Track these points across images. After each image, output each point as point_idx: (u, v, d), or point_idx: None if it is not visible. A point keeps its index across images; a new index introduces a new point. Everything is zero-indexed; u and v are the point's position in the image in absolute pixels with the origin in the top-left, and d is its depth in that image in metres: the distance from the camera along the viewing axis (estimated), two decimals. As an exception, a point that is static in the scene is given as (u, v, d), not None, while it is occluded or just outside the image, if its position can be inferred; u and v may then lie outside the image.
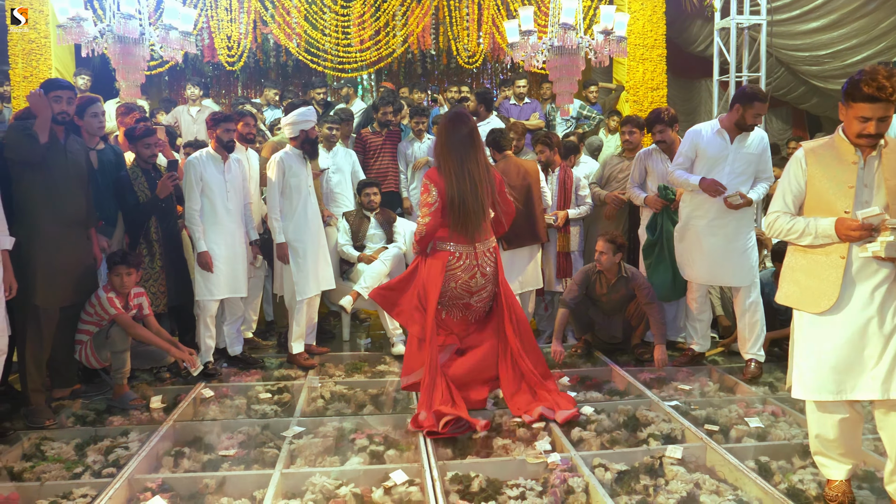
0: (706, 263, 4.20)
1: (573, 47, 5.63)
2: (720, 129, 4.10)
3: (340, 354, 4.82)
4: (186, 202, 4.22)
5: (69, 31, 4.86)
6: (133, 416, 3.60)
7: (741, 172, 4.06)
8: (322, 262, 4.56)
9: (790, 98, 8.89)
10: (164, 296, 4.33)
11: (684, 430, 3.29)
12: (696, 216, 4.22)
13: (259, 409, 3.66)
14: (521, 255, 4.80)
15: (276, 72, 8.83)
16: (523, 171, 4.75)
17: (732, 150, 4.07)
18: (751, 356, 4.20)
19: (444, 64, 8.81)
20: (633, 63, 7.62)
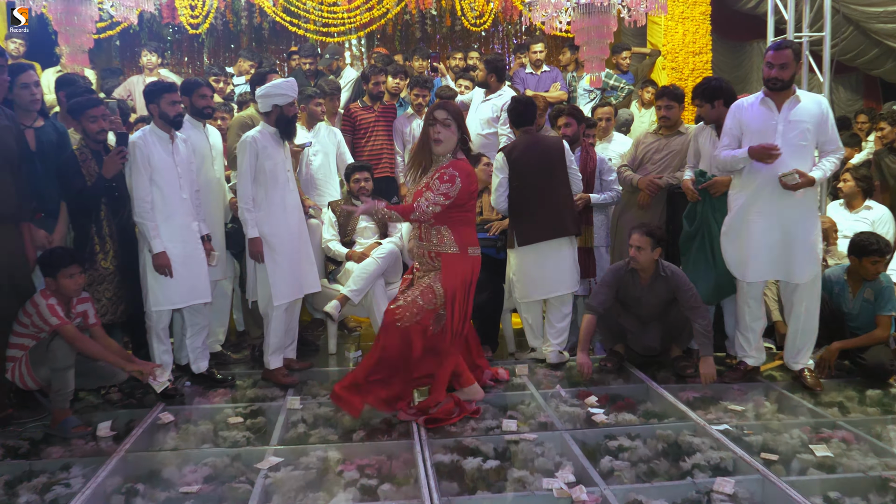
0: (764, 256, 4.17)
1: (603, 5, 5.60)
2: (764, 98, 4.12)
3: (326, 370, 4.80)
4: (135, 192, 4.17)
5: (2, -14, 4.85)
6: (76, 447, 3.56)
7: (796, 145, 4.03)
8: (303, 260, 4.55)
9: (860, 63, 8.82)
10: (120, 302, 4.30)
11: (736, 460, 3.25)
12: (749, 203, 4.19)
13: (228, 437, 3.64)
14: (541, 252, 4.70)
15: (249, 36, 8.81)
16: (542, 149, 4.69)
17: (781, 120, 4.06)
18: (802, 366, 4.22)
19: (447, 26, 8.78)
20: (672, 23, 7.59)
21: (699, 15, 7.61)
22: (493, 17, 8.00)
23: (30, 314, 3.78)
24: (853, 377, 4.40)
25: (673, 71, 7.60)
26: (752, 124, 4.15)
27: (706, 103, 4.61)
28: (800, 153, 4.04)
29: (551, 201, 4.65)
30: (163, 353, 4.29)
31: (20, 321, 3.81)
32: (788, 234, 4.10)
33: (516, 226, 4.70)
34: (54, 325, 3.74)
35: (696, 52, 7.63)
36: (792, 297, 4.22)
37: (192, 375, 4.48)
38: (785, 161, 4.02)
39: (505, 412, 3.93)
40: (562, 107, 5.37)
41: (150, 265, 4.16)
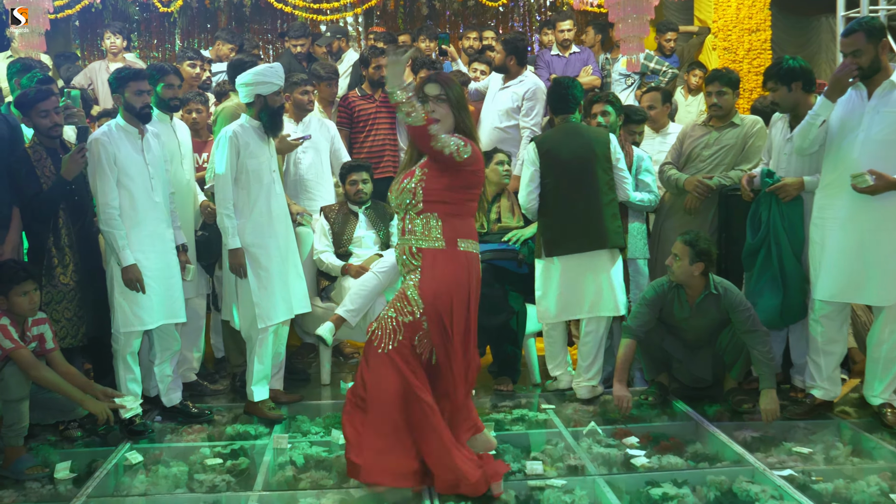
0: (834, 273, 4.17)
1: (643, -26, 5.65)
2: (857, 83, 4.14)
3: (318, 403, 4.84)
4: (100, 197, 4.22)
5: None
6: (31, 491, 3.59)
7: (881, 140, 4.04)
8: (292, 276, 4.58)
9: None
10: (81, 323, 4.35)
11: (802, 511, 3.25)
12: (824, 205, 4.24)
13: (205, 481, 3.65)
14: (575, 264, 4.67)
15: (228, 15, 8.89)
16: (583, 141, 4.66)
17: (869, 109, 4.07)
18: (883, 401, 4.20)
19: (458, 1, 8.83)
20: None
21: (756, -14, 7.65)
22: (514, -9, 8.06)
23: None
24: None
25: (725, 52, 7.62)
26: (838, 112, 4.17)
27: (782, 86, 4.53)
28: (886, 151, 4.03)
29: (589, 205, 4.62)
30: (130, 382, 4.32)
31: None
32: (864, 246, 4.09)
33: (544, 232, 4.71)
34: (7, 350, 3.78)
35: (752, 28, 7.65)
36: (874, 320, 4.22)
37: (163, 409, 4.52)
38: (866, 158, 4.02)
39: (528, 454, 3.93)
40: (598, 93, 5.35)
41: (119, 280, 4.21)
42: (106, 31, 7.20)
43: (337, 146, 5.74)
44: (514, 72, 6.10)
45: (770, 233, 4.52)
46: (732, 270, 4.79)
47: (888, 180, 3.95)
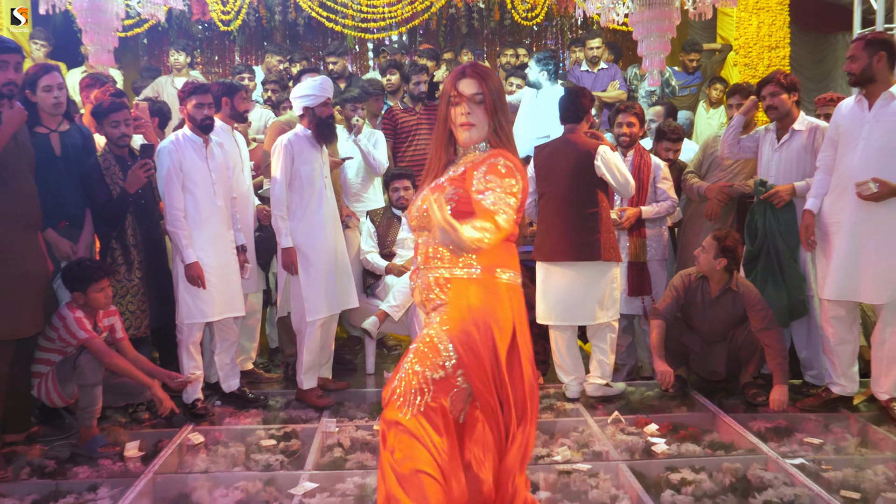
0: (839, 272, 4.16)
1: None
2: (858, 96, 4.14)
3: (363, 391, 4.87)
4: (167, 200, 4.30)
5: (25, -18, 5.05)
6: (103, 467, 3.66)
7: (882, 148, 4.02)
8: (340, 274, 4.60)
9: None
10: (145, 316, 4.42)
11: (813, 498, 3.24)
12: (829, 211, 4.23)
13: (261, 460, 3.71)
14: (564, 271, 4.53)
15: (283, 33, 8.98)
16: (571, 153, 4.50)
17: (870, 119, 4.07)
18: (889, 396, 4.17)
19: (495, 20, 8.84)
20: (745, 14, 7.56)
21: (776, 5, 7.56)
22: (546, 10, 8.05)
23: (56, 328, 3.93)
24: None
25: (746, 67, 7.56)
26: (843, 125, 4.17)
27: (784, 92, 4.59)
28: (886, 158, 4.00)
29: (567, 216, 4.48)
30: (193, 370, 4.38)
31: (46, 335, 3.94)
32: (865, 249, 4.07)
33: (536, 237, 4.68)
34: (82, 339, 3.88)
35: (772, 46, 7.58)
36: (878, 318, 4.20)
37: (223, 394, 4.59)
38: (867, 166, 4.01)
39: (555, 439, 3.96)
40: (627, 103, 5.29)
41: (183, 276, 4.28)
42: (171, 48, 7.33)
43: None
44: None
45: (767, 238, 4.54)
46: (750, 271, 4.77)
47: (891, 187, 3.94)
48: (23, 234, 3.75)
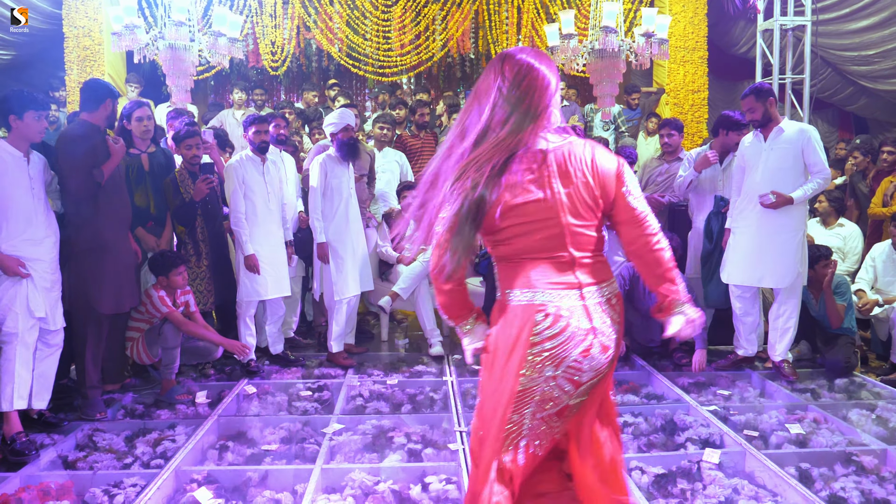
0: (739, 264, 4.18)
1: (614, 50, 5.63)
2: (756, 132, 4.16)
3: (378, 354, 4.88)
4: (231, 205, 4.33)
5: (123, 38, 5.04)
6: (180, 411, 3.70)
7: (777, 169, 4.02)
8: (361, 263, 4.61)
9: (836, 100, 8.68)
10: (210, 294, 4.43)
11: (723, 436, 3.26)
12: (735, 219, 4.24)
13: (300, 406, 3.74)
14: None
15: (318, 76, 8.97)
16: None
17: (766, 147, 4.08)
18: (781, 358, 4.18)
19: (483, 67, 8.83)
20: (674, 66, 7.56)
21: (697, 59, 7.57)
22: (522, 61, 8.04)
23: (145, 303, 3.95)
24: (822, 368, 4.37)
25: (675, 106, 7.57)
26: (747, 154, 4.19)
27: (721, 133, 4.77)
28: (782, 176, 4.01)
29: None
30: (248, 336, 4.41)
31: (137, 309, 3.97)
32: (763, 245, 4.08)
33: None
34: (164, 313, 3.91)
35: (694, 90, 7.59)
36: (775, 299, 4.22)
37: (270, 356, 4.60)
38: (767, 183, 4.02)
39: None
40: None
41: (243, 264, 4.30)
42: (234, 87, 7.31)
43: (406, 170, 5.79)
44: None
45: (719, 240, 4.50)
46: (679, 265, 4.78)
47: (785, 197, 3.96)
48: (121, 231, 3.76)
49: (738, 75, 9.32)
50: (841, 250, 5.16)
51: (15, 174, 3.22)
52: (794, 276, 4.06)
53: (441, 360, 4.62)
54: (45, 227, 3.34)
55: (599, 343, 1.80)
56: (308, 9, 7.54)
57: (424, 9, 7.66)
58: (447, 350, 4.77)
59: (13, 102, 3.20)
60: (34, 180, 3.30)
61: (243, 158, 4.37)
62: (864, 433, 3.28)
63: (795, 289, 4.12)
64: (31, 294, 3.23)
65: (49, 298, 3.33)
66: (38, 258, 3.28)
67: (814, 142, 3.98)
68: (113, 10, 5.16)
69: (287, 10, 7.53)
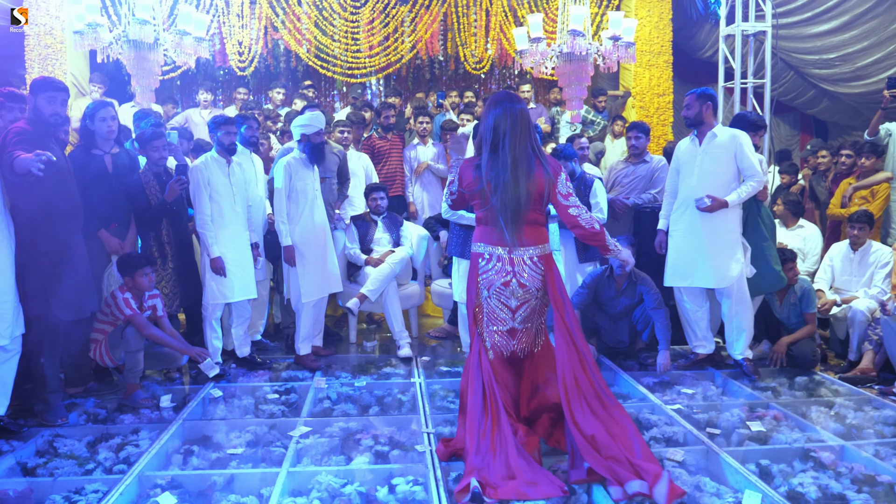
0: (682, 265, 4.25)
1: (582, 53, 5.70)
2: (692, 136, 4.25)
3: (347, 356, 4.86)
4: (196, 207, 4.27)
5: (85, 36, 4.96)
6: (144, 415, 3.65)
7: (711, 173, 4.12)
8: (328, 265, 4.59)
9: (798, 103, 8.89)
10: (176, 297, 4.39)
11: (686, 434, 3.31)
12: (673, 222, 4.32)
13: (266, 409, 3.71)
14: None
15: (286, 77, 8.89)
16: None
17: (700, 152, 4.17)
18: (742, 356, 4.25)
19: (451, 69, 8.85)
20: (640, 69, 7.67)
21: (663, 63, 7.70)
22: (491, 63, 8.10)
23: (109, 305, 3.89)
24: (784, 367, 4.46)
25: (641, 109, 7.68)
26: (682, 157, 4.29)
27: None
28: (715, 180, 4.11)
29: None
30: (214, 339, 4.36)
31: (102, 310, 3.91)
32: (701, 247, 4.15)
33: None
34: (128, 315, 3.84)
35: (660, 93, 7.71)
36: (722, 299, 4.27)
37: (237, 359, 4.55)
38: (702, 186, 4.12)
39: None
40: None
41: (208, 267, 4.25)
42: (200, 88, 7.22)
43: (370, 172, 5.78)
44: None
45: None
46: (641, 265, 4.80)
47: (720, 201, 4.05)
48: (74, 235, 3.65)
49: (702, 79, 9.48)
50: (801, 251, 5.29)
51: None
52: (733, 276, 4.12)
53: (409, 362, 4.62)
54: (2, 231, 3.25)
55: (517, 280, 2.92)
56: (276, 9, 7.48)
57: (393, 10, 7.65)
58: (415, 352, 4.78)
59: None
60: None
61: (208, 160, 4.31)
62: (823, 430, 3.37)
63: (741, 289, 4.17)
64: None
65: (4, 311, 3.24)
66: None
67: (745, 147, 4.09)
68: (75, 7, 5.07)
69: (254, 10, 7.45)
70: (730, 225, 4.13)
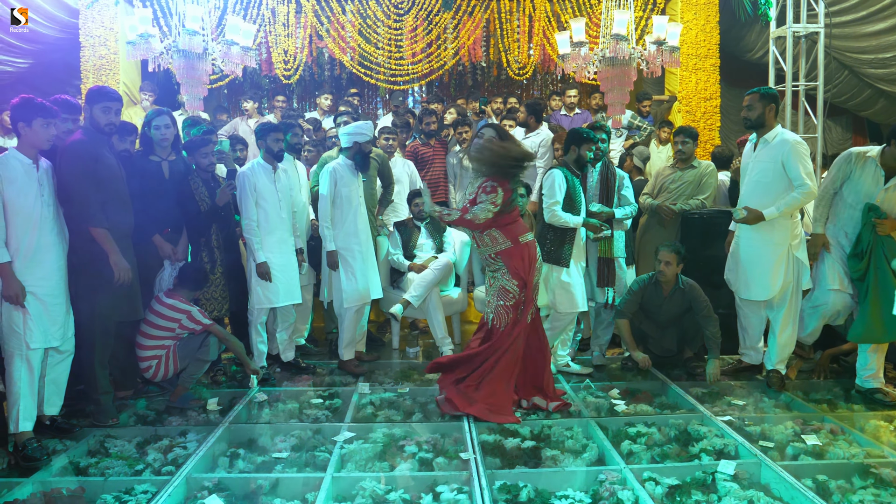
0: (734, 270, 4.20)
1: (625, 58, 5.62)
2: (751, 138, 4.12)
3: (390, 362, 4.86)
4: (243, 213, 4.32)
5: (138, 47, 5.09)
6: (191, 417, 3.70)
7: (759, 181, 4.00)
8: (370, 271, 4.60)
9: (851, 105, 8.61)
10: (225, 301, 4.42)
11: (737, 447, 3.21)
12: (737, 234, 4.24)
13: (311, 414, 3.72)
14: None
15: (331, 84, 9.01)
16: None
17: (753, 158, 4.05)
18: (772, 367, 4.15)
19: (494, 75, 8.84)
20: (686, 73, 7.52)
21: (710, 66, 7.53)
22: (534, 68, 8.05)
23: (178, 319, 3.85)
24: (841, 378, 4.31)
25: (687, 114, 7.53)
26: (743, 162, 4.20)
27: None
28: (763, 189, 3.98)
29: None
30: (259, 343, 4.40)
31: (158, 325, 3.86)
32: (745, 259, 4.08)
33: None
34: (206, 326, 3.89)
35: (706, 97, 7.54)
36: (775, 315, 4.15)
37: (282, 363, 4.58)
38: (752, 195, 4.01)
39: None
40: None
41: (254, 272, 4.30)
42: (245, 97, 7.33)
43: (415, 178, 5.79)
44: (533, 126, 6.12)
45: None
46: (688, 271, 4.67)
47: (755, 213, 3.93)
48: (124, 241, 3.69)
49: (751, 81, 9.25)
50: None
51: (24, 181, 3.22)
52: (775, 290, 3.99)
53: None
54: (55, 234, 3.33)
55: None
56: (321, 18, 7.58)
57: (436, 17, 7.68)
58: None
59: (22, 110, 3.21)
60: (43, 187, 3.30)
61: (255, 166, 4.37)
62: (883, 445, 3.23)
63: (785, 302, 4.04)
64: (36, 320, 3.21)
65: (56, 314, 3.31)
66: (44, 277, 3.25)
67: (793, 154, 3.86)
68: (128, 19, 5.22)
69: (300, 19, 7.57)
70: (776, 237, 3.98)
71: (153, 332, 3.88)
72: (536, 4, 7.67)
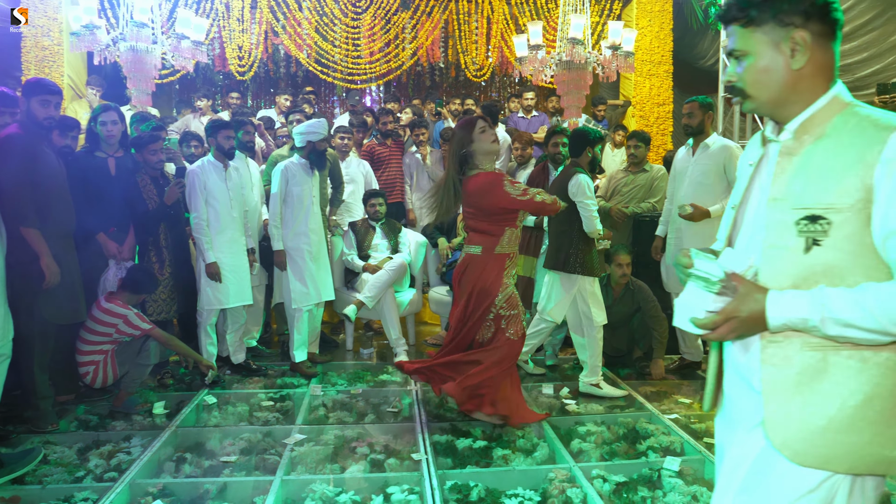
0: (670, 272, 4.37)
1: (581, 62, 5.71)
2: (688, 144, 4.31)
3: (343, 363, 4.83)
4: (193, 211, 4.25)
5: (82, 38, 4.96)
6: (136, 422, 3.62)
7: (699, 183, 4.16)
8: (322, 272, 4.58)
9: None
10: (173, 302, 4.35)
11: (683, 444, 3.29)
12: (671, 231, 4.38)
13: (261, 417, 3.68)
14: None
15: (286, 82, 8.91)
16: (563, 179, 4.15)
17: (692, 162, 4.24)
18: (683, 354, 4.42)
19: (452, 77, 8.87)
20: (640, 79, 7.67)
21: (663, 72, 7.71)
22: (492, 70, 8.11)
23: (114, 324, 3.73)
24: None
25: (641, 118, 7.68)
26: (678, 166, 4.36)
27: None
28: (703, 190, 4.15)
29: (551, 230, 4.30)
30: (209, 345, 4.34)
31: (95, 331, 3.74)
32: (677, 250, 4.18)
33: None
34: (146, 330, 3.76)
35: (660, 103, 7.72)
36: None
37: (232, 365, 4.53)
38: (691, 196, 4.16)
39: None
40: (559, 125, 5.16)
41: (204, 272, 4.23)
42: (197, 93, 7.20)
43: (370, 178, 5.78)
44: (489, 129, 6.16)
45: None
46: (639, 274, 4.77)
47: (701, 210, 4.07)
48: (65, 240, 3.59)
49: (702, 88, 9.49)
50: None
51: None
52: None
53: (406, 370, 4.59)
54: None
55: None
56: (276, 14, 7.49)
57: (394, 17, 7.67)
58: (412, 359, 4.75)
59: None
60: None
61: (205, 164, 4.30)
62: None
63: None
64: None
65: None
66: None
67: (735, 158, 4.05)
68: (72, 9, 5.07)
69: (255, 14, 7.47)
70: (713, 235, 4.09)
71: (91, 336, 3.76)
72: (495, 7, 7.73)
